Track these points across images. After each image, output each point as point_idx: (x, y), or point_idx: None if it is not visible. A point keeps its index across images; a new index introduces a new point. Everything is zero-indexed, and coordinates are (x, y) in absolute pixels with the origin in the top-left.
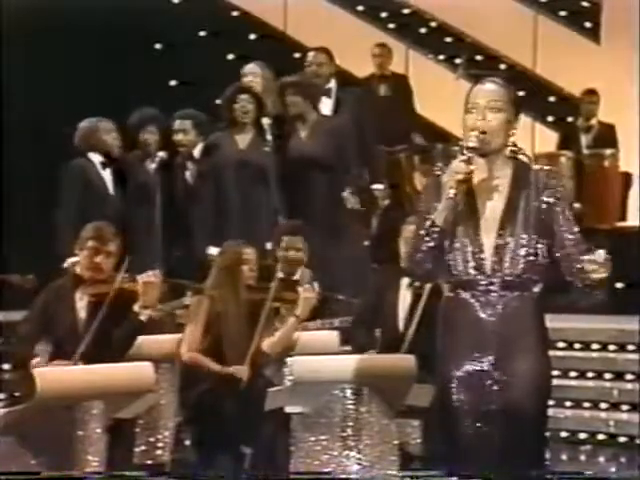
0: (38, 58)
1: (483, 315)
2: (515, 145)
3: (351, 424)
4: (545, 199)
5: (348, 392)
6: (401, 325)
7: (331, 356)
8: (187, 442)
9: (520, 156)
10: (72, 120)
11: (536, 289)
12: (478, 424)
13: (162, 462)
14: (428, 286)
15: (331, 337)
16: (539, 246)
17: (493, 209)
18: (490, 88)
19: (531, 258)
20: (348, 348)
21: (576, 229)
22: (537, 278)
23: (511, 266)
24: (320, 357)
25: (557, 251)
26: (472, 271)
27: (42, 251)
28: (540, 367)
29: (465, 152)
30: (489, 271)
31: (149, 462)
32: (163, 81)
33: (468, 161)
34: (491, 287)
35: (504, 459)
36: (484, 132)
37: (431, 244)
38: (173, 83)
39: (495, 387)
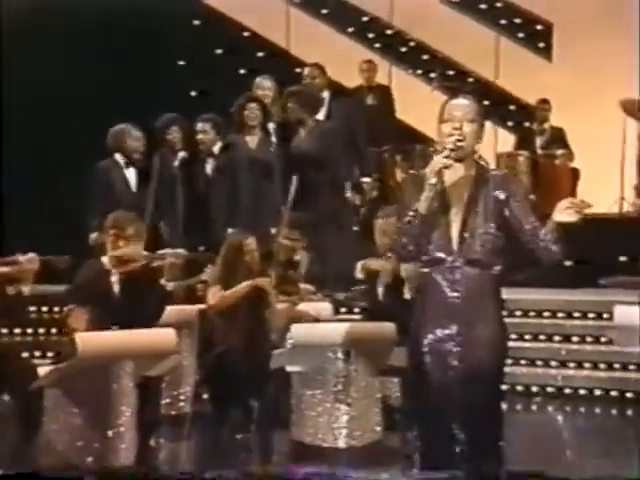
0: (75, 73)
1: (450, 290)
2: (476, 152)
3: (341, 381)
4: (501, 196)
5: (339, 354)
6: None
7: (325, 324)
8: (205, 396)
9: (480, 161)
10: (107, 125)
11: (495, 268)
12: (445, 381)
13: (184, 413)
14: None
15: (326, 307)
16: (497, 233)
17: (459, 203)
18: (465, 102)
19: (490, 243)
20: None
21: (533, 218)
22: (495, 259)
23: (473, 249)
24: (315, 324)
25: (523, 236)
26: (442, 254)
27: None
28: (497, 332)
29: (444, 153)
30: (455, 254)
31: (173, 412)
32: (185, 91)
33: (447, 157)
34: (456, 267)
35: (467, 410)
36: (461, 139)
37: (415, 229)
38: (193, 93)
39: (459, 349)
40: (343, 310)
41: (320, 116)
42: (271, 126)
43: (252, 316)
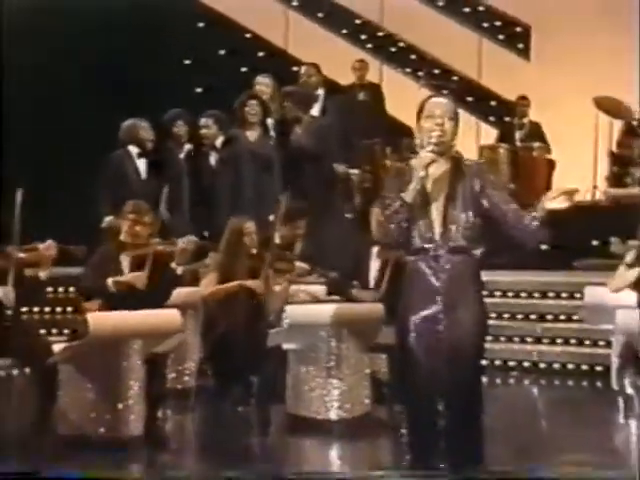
0: (86, 69)
1: (433, 276)
2: (453, 147)
3: (333, 357)
4: (477, 186)
5: (331, 332)
6: (372, 280)
7: (318, 305)
8: (208, 372)
9: (457, 155)
10: (118, 121)
11: (474, 252)
12: (429, 358)
13: (189, 387)
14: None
15: (320, 289)
16: (476, 221)
17: (440, 195)
18: (444, 101)
19: (469, 231)
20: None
21: (513, 205)
22: (474, 245)
23: (454, 238)
24: (309, 305)
25: (507, 222)
26: (425, 243)
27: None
28: (478, 313)
29: (429, 148)
30: (438, 242)
31: (179, 386)
32: (191, 88)
33: (432, 152)
34: (439, 253)
35: (450, 385)
36: (443, 135)
37: (401, 217)
38: (198, 90)
39: (443, 329)
40: None
41: (315, 112)
42: (270, 122)
43: (251, 298)
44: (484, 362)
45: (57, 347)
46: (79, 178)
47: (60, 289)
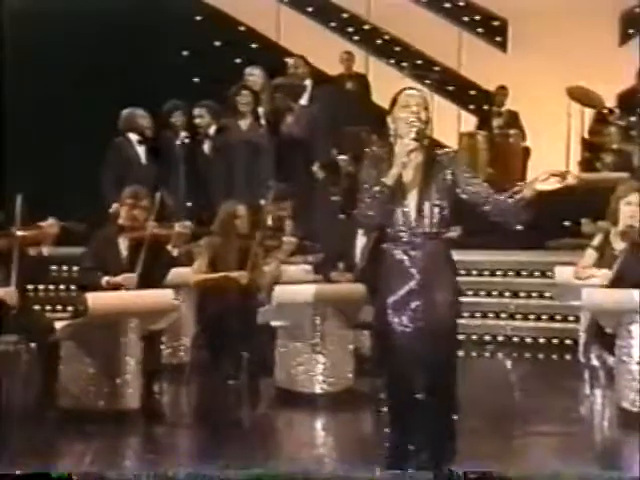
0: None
1: (409, 260)
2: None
3: (318, 334)
4: (450, 175)
5: (316, 311)
6: (357, 256)
7: (304, 284)
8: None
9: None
10: (118, 110)
11: (446, 237)
12: (406, 335)
13: (184, 362)
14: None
15: (306, 269)
16: (449, 207)
17: (415, 184)
18: (419, 93)
19: (443, 217)
20: (319, 277)
21: (490, 189)
22: (446, 230)
23: (428, 224)
24: (296, 285)
25: (488, 205)
26: (401, 229)
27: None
28: (452, 292)
29: (412, 136)
30: (413, 228)
31: (174, 361)
32: (189, 78)
33: (414, 139)
34: (414, 240)
35: (426, 360)
36: (418, 123)
37: (383, 200)
38: (196, 80)
39: (419, 308)
40: None
41: (303, 102)
42: (261, 111)
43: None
44: (461, 337)
45: (59, 324)
46: (81, 164)
47: (64, 267)
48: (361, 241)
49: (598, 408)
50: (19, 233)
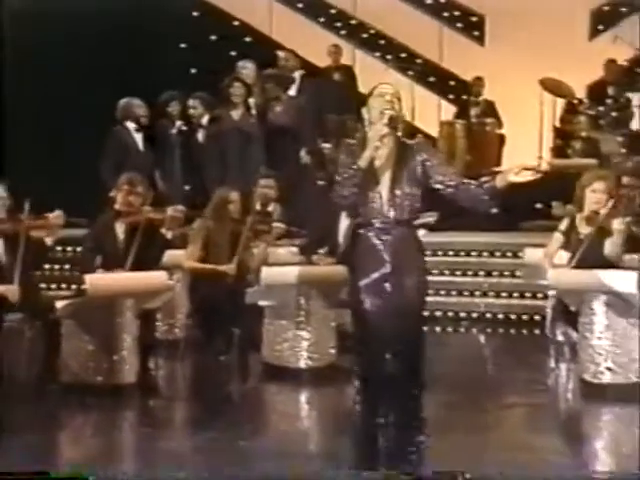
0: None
1: (381, 244)
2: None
3: (302, 313)
4: (421, 164)
5: (300, 291)
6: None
7: (290, 267)
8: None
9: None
10: (117, 99)
11: (416, 222)
12: (378, 314)
13: (178, 338)
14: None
15: (293, 252)
16: (419, 195)
17: (387, 172)
18: (390, 86)
19: (413, 204)
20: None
21: (459, 177)
22: (416, 216)
23: (400, 210)
24: (282, 267)
25: (458, 193)
26: (374, 215)
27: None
28: (420, 275)
29: (384, 122)
30: (386, 213)
31: (170, 337)
32: (186, 69)
33: (387, 125)
34: (386, 226)
35: (397, 336)
36: (392, 109)
37: (355, 181)
38: (193, 71)
39: (390, 290)
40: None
41: (292, 92)
42: (252, 101)
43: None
44: (438, 313)
45: (60, 304)
46: (82, 157)
47: (68, 248)
48: (344, 224)
49: (563, 380)
50: (27, 222)
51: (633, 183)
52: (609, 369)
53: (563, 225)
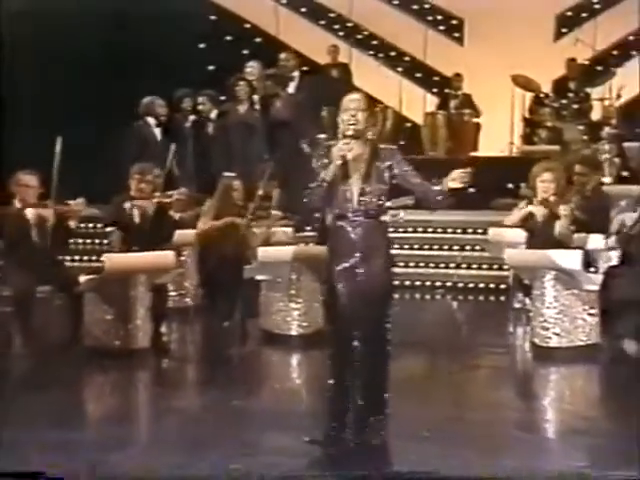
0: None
1: (353, 235)
2: (372, 133)
3: (294, 287)
4: (387, 164)
5: (292, 268)
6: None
7: (282, 246)
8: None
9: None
10: (140, 95)
11: (383, 217)
12: (350, 296)
13: (189, 306)
14: None
15: (288, 233)
16: (386, 192)
17: (358, 171)
18: (357, 97)
19: (380, 200)
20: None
21: (419, 179)
22: (384, 211)
23: (368, 206)
24: (277, 247)
25: (416, 193)
26: (346, 209)
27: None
28: (387, 262)
29: (344, 137)
30: (355, 209)
31: (181, 305)
32: (205, 66)
33: (348, 143)
34: (356, 217)
35: (365, 317)
36: (355, 124)
37: (321, 191)
38: (211, 68)
39: (360, 275)
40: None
41: (291, 90)
42: (255, 98)
43: (234, 239)
44: (417, 283)
45: (82, 279)
46: (105, 145)
47: (90, 225)
48: None
49: (519, 343)
50: (54, 208)
51: (584, 171)
52: (556, 334)
53: (522, 204)
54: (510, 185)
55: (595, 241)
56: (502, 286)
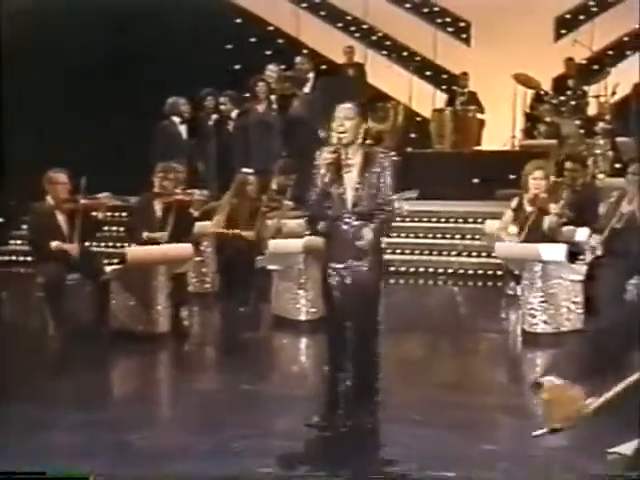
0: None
1: (346, 234)
2: (365, 139)
3: (303, 276)
4: (379, 169)
5: (301, 258)
6: None
7: (291, 239)
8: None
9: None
10: (170, 94)
11: (376, 219)
12: (341, 290)
13: (209, 291)
14: None
15: (300, 224)
16: (376, 194)
17: (352, 176)
18: (347, 106)
19: (372, 203)
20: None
21: (389, 191)
22: (377, 213)
23: (362, 208)
24: (285, 240)
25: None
26: (341, 211)
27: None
28: (377, 260)
29: (330, 149)
30: (350, 210)
31: (201, 291)
32: (231, 66)
33: (333, 152)
34: (351, 219)
35: (354, 307)
36: (343, 132)
37: (317, 197)
38: (237, 67)
39: (352, 271)
40: None
41: (306, 90)
42: (273, 98)
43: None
44: (421, 269)
45: (109, 269)
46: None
47: (116, 213)
48: None
49: (511, 329)
50: (82, 201)
51: (575, 167)
52: (543, 321)
53: (514, 203)
54: (512, 176)
55: (582, 234)
56: (499, 273)
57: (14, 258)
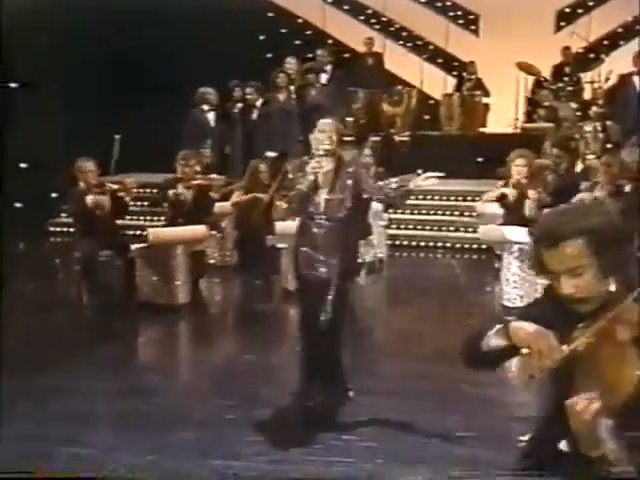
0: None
1: (315, 230)
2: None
3: None
4: (350, 170)
5: None
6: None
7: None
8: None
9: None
10: (203, 84)
11: (346, 219)
12: (310, 280)
13: (228, 264)
14: None
15: None
16: (347, 198)
17: (326, 181)
18: (327, 121)
19: (342, 205)
20: None
21: (376, 185)
22: (347, 214)
23: (332, 210)
24: (291, 222)
25: (374, 196)
26: (314, 212)
27: None
28: (344, 256)
29: (317, 160)
30: (322, 211)
31: (221, 264)
32: (264, 55)
33: (320, 162)
34: (321, 219)
35: (324, 299)
36: (328, 144)
37: (299, 198)
38: (269, 55)
39: (320, 265)
40: None
41: (324, 81)
42: (292, 88)
43: (259, 211)
44: (422, 243)
45: (133, 247)
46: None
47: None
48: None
49: (495, 303)
50: (110, 185)
51: (560, 154)
52: (520, 296)
53: (499, 185)
54: None
55: None
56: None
57: (65, 229)
